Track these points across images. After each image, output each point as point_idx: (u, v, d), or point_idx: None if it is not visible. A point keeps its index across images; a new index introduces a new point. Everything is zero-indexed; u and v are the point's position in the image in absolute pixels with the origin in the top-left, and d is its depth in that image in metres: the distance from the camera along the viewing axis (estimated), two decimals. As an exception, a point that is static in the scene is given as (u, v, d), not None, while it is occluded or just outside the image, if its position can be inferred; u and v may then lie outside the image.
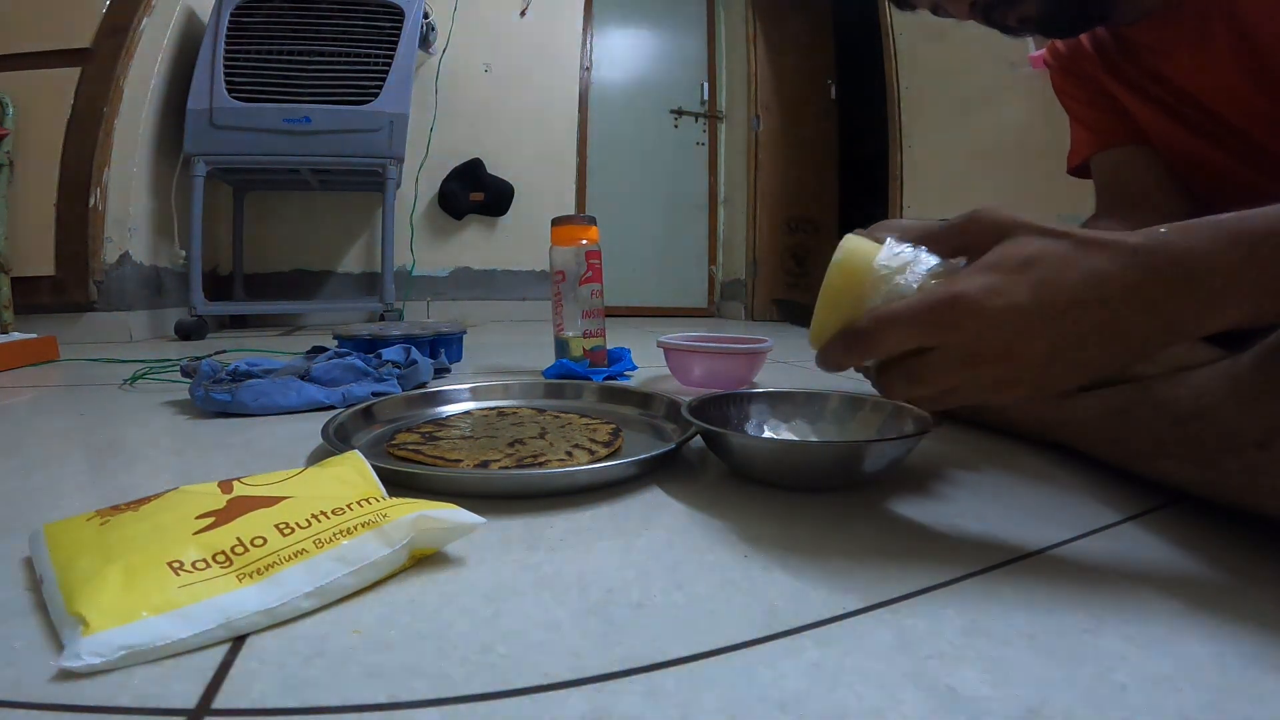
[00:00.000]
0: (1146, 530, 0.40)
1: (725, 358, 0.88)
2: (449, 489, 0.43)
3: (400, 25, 1.88)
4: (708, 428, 0.49)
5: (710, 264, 3.28)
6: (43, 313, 1.51)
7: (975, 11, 0.59)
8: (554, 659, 0.26)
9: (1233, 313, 0.30)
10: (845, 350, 0.36)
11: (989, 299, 0.32)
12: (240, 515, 0.31)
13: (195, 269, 1.74)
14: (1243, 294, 0.30)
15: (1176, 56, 0.59)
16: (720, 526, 0.40)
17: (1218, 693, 0.24)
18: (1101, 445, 0.50)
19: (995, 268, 0.33)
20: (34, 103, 1.53)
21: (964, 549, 0.37)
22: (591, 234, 0.99)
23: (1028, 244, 0.33)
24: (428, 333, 1.08)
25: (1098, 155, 0.72)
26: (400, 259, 2.33)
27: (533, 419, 0.63)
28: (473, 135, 2.52)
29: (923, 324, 0.33)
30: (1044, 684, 0.24)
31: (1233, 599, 0.31)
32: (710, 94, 3.24)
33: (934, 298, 0.33)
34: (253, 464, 0.53)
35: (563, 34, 2.71)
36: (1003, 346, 0.32)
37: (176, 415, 0.71)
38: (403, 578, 0.32)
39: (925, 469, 0.52)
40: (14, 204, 1.45)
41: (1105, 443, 0.50)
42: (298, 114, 1.78)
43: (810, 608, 0.30)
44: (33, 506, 0.43)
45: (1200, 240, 0.30)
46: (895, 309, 0.34)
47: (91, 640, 0.24)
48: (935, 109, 2.11)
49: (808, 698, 0.23)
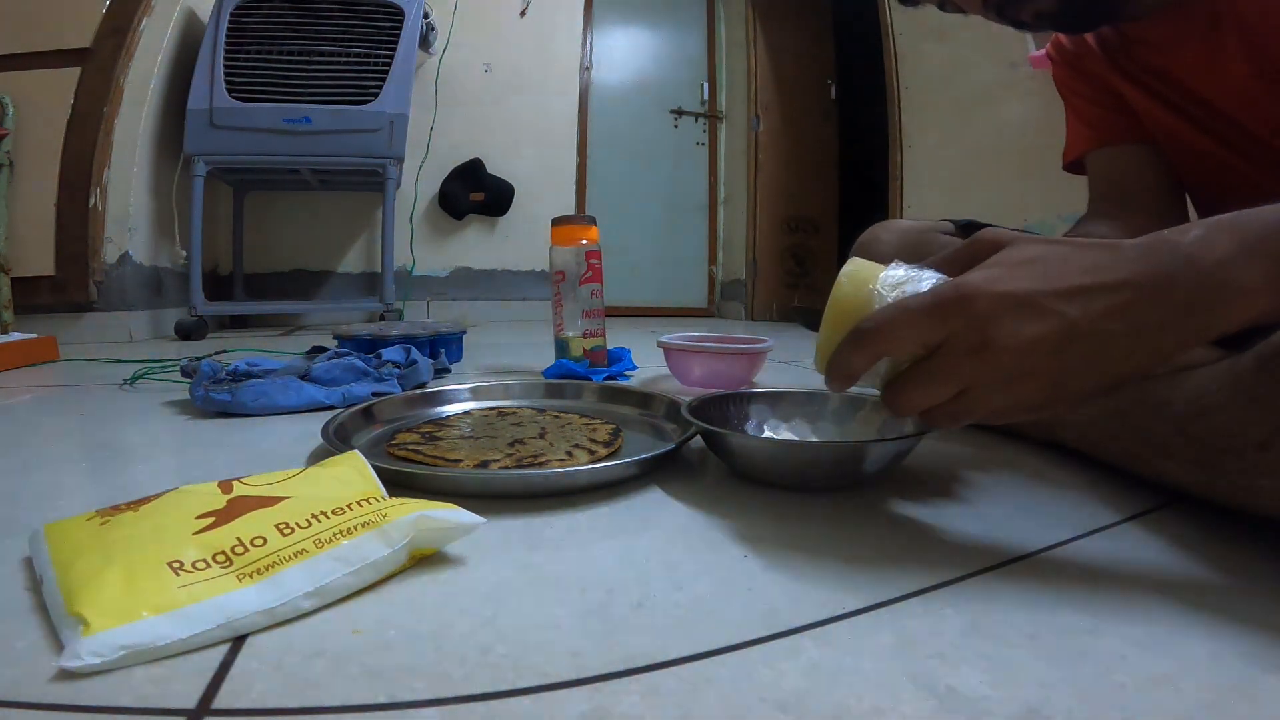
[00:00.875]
0: (1146, 530, 0.40)
1: (725, 358, 0.88)
2: (449, 489, 0.43)
3: (400, 25, 1.88)
4: (708, 428, 0.49)
5: (710, 264, 3.28)
6: (43, 313, 1.51)
7: (988, 7, 0.58)
8: (554, 659, 0.26)
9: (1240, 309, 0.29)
10: (854, 348, 0.34)
11: (993, 284, 0.31)
12: (240, 515, 0.31)
13: (195, 269, 1.74)
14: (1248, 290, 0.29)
15: (1183, 54, 0.59)
16: (720, 526, 0.40)
17: (1218, 693, 0.24)
18: (1101, 445, 0.50)
19: (998, 264, 0.33)
20: (34, 103, 1.53)
21: (964, 549, 0.37)
22: (591, 234, 0.99)
23: (1027, 248, 0.33)
24: (428, 333, 1.08)
25: (1094, 151, 0.73)
26: (400, 259, 2.32)
27: (533, 419, 0.63)
28: (473, 135, 2.52)
29: (929, 313, 0.32)
30: (1044, 684, 0.24)
31: (1233, 599, 0.31)
32: (710, 94, 3.24)
33: (939, 290, 0.32)
34: (253, 464, 0.53)
35: (563, 34, 2.71)
36: (1010, 331, 0.31)
37: (176, 415, 0.71)
38: (403, 578, 0.32)
39: (925, 469, 0.52)
40: (14, 204, 1.45)
41: (1105, 443, 0.50)
42: (298, 114, 1.78)
43: (810, 608, 0.30)
44: (33, 506, 0.43)
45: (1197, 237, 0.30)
46: (901, 303, 0.33)
47: (91, 640, 0.24)
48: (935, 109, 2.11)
49: (808, 698, 0.23)
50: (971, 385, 0.33)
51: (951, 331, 0.32)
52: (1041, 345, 0.31)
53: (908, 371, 0.34)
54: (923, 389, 0.33)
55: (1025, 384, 0.32)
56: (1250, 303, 0.29)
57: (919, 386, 0.33)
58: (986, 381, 0.32)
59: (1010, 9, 0.58)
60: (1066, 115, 0.76)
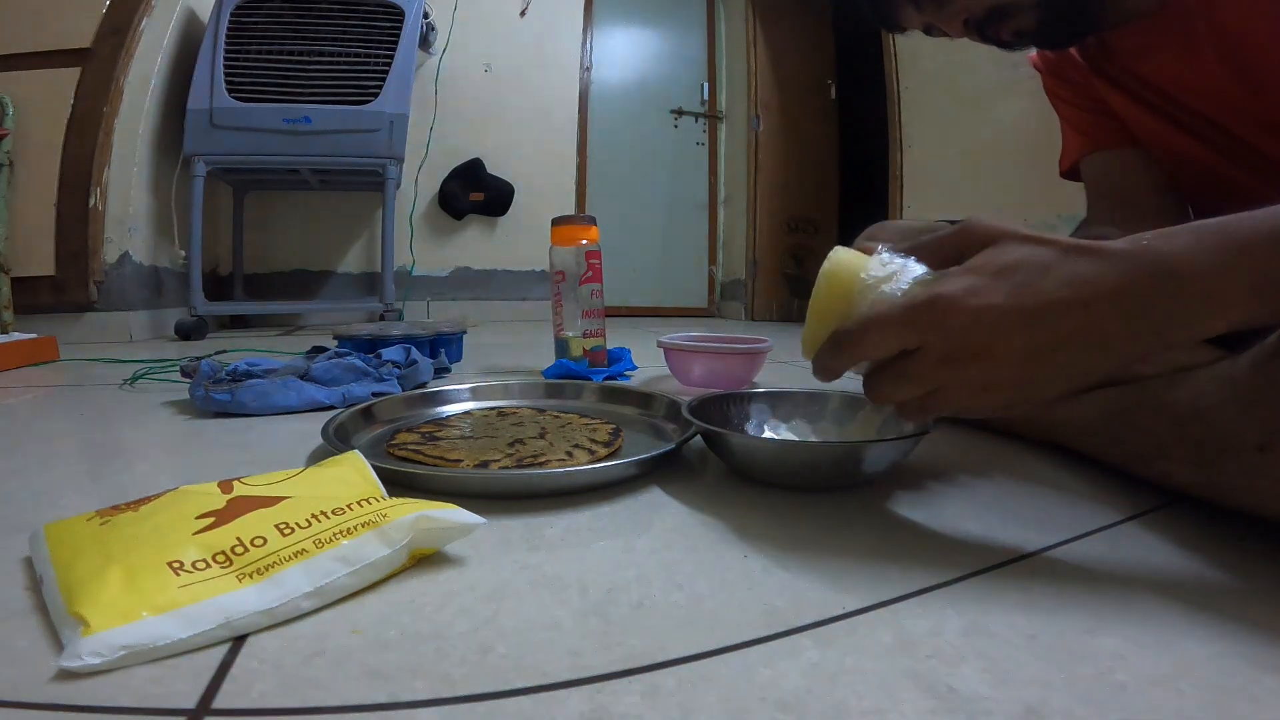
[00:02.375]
0: (1146, 530, 0.40)
1: (725, 358, 0.88)
2: (449, 489, 0.43)
3: (400, 25, 1.88)
4: (708, 428, 0.49)
5: (710, 264, 3.28)
6: (43, 313, 1.51)
7: (969, 28, 0.60)
8: (554, 659, 0.26)
9: (1221, 317, 0.30)
10: (834, 354, 0.37)
11: (966, 299, 0.33)
12: (240, 515, 0.31)
13: (195, 269, 1.74)
14: (1231, 298, 0.29)
15: (1160, 60, 0.60)
16: (720, 526, 0.40)
17: (1218, 693, 0.24)
18: (1101, 446, 0.50)
19: (976, 271, 0.34)
20: (34, 103, 1.53)
21: (964, 549, 0.37)
22: (591, 234, 0.99)
23: (1011, 250, 0.33)
24: (428, 333, 1.08)
25: (1088, 157, 0.73)
26: (400, 259, 2.33)
27: (533, 419, 0.63)
28: (473, 135, 2.52)
29: (904, 324, 0.34)
30: (1044, 684, 0.24)
31: (1233, 599, 0.31)
32: (710, 94, 3.24)
33: (914, 299, 0.34)
34: (253, 464, 0.53)
35: (563, 34, 2.71)
36: (980, 345, 0.33)
37: (176, 415, 0.71)
38: (403, 578, 0.32)
39: (925, 469, 0.52)
40: (14, 204, 1.45)
41: (1105, 444, 0.50)
42: (298, 114, 1.78)
43: (810, 608, 0.30)
44: (33, 506, 0.43)
45: (1183, 245, 0.30)
46: (878, 311, 0.35)
47: (91, 640, 0.24)
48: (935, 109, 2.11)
49: (808, 697, 0.23)
50: (942, 387, 0.35)
51: (925, 341, 0.34)
52: (1012, 358, 0.33)
53: (886, 368, 0.36)
54: (896, 386, 0.36)
55: (994, 390, 0.34)
56: (1230, 312, 0.30)
57: (893, 383, 0.36)
58: (957, 386, 0.34)
59: (991, 29, 0.59)
60: (1060, 123, 0.77)
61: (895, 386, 0.36)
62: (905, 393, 0.36)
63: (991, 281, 0.33)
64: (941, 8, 0.59)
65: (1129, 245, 0.32)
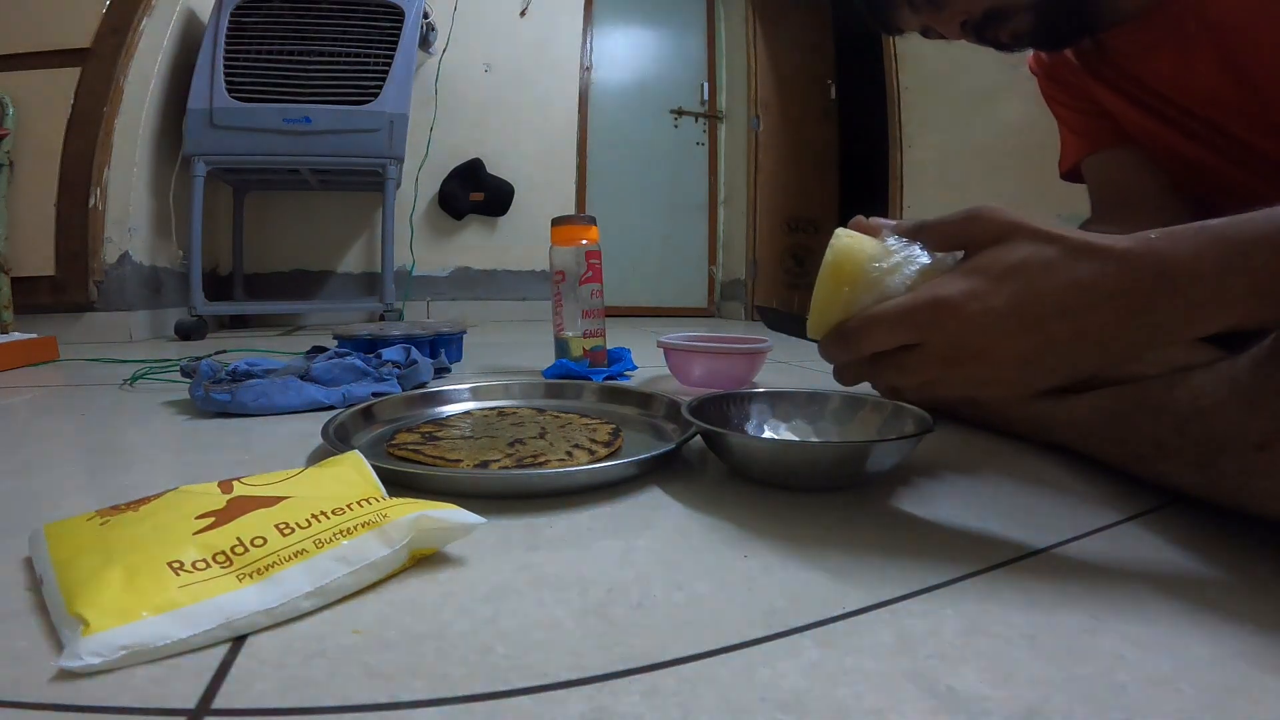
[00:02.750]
0: (1146, 530, 0.40)
1: (725, 358, 0.88)
2: (449, 489, 0.43)
3: (400, 25, 1.88)
4: (708, 428, 0.49)
5: (710, 264, 3.28)
6: (43, 313, 1.51)
7: (966, 30, 0.60)
8: (554, 659, 0.26)
9: (1221, 318, 0.31)
10: (837, 348, 0.39)
11: (968, 303, 0.33)
12: (240, 515, 0.31)
13: (195, 269, 1.74)
14: (1231, 299, 0.30)
15: (1155, 61, 0.60)
16: (720, 526, 0.40)
17: (1218, 693, 0.24)
18: (1101, 446, 0.50)
19: (980, 272, 0.34)
20: (34, 103, 1.53)
21: (964, 549, 0.37)
22: (591, 234, 0.99)
23: (1017, 250, 0.34)
24: (428, 333, 1.08)
25: (1087, 159, 0.73)
26: (400, 259, 2.32)
27: (533, 419, 0.62)
28: (473, 135, 2.52)
29: (906, 324, 0.35)
30: (1044, 684, 0.24)
31: (1233, 599, 0.31)
32: (710, 94, 3.24)
33: (917, 300, 0.35)
34: (253, 464, 0.53)
35: (563, 34, 2.71)
36: (979, 348, 0.34)
37: (176, 415, 0.71)
38: (403, 578, 0.32)
39: (926, 469, 0.52)
40: (14, 204, 1.45)
41: (1105, 444, 0.50)
42: (298, 114, 1.78)
43: (810, 608, 0.30)
44: (33, 506, 0.43)
45: (1185, 246, 0.31)
46: (882, 310, 0.36)
47: (91, 640, 0.24)
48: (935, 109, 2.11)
49: (808, 697, 0.23)
50: (940, 379, 0.36)
51: (926, 339, 0.35)
52: (1010, 359, 0.34)
53: (888, 358, 0.37)
54: (896, 375, 0.37)
55: (991, 385, 0.36)
56: (1229, 315, 0.30)
57: (893, 373, 0.37)
58: (954, 379, 0.36)
59: (988, 31, 0.59)
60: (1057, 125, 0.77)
61: (895, 375, 0.37)
62: (903, 382, 0.37)
63: (994, 285, 0.33)
64: (939, 10, 0.59)
65: (1134, 244, 0.32)
